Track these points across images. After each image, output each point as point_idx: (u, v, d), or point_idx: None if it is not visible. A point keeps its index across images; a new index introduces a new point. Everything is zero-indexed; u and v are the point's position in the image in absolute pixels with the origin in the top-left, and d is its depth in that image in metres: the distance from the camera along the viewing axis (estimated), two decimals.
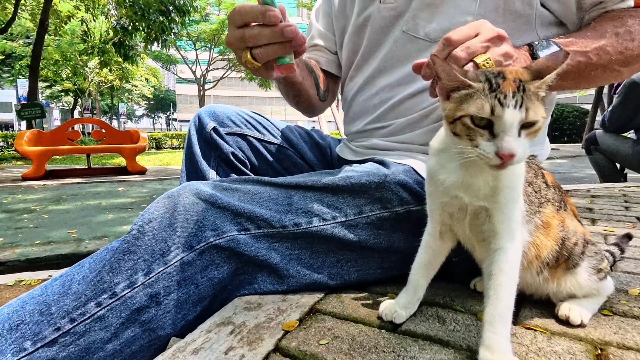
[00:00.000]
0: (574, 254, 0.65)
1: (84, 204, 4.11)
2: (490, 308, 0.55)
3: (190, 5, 10.75)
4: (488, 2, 0.83)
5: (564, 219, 0.65)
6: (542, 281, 0.67)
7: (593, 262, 0.66)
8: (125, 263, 0.68)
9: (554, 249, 0.63)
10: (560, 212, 0.65)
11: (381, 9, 0.95)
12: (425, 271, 0.68)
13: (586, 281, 0.65)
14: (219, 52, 23.80)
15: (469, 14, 0.83)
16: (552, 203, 0.64)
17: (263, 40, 0.67)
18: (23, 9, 13.78)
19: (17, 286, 1.97)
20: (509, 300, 0.55)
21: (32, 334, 0.62)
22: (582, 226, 0.69)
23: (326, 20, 1.16)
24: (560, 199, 0.66)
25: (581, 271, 0.65)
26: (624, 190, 2.50)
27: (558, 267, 0.66)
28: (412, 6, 0.90)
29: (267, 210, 0.76)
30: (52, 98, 29.22)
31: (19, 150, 6.31)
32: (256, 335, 0.64)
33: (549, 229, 0.63)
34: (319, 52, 1.16)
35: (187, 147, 1.09)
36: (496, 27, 0.63)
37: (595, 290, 0.67)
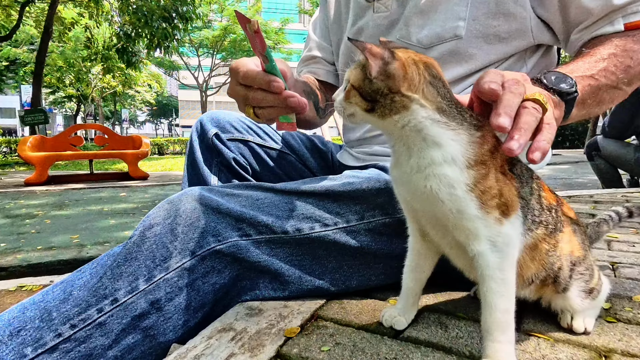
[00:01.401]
0: (559, 278, 0.61)
1: (86, 210, 4.12)
2: (485, 316, 0.53)
3: (193, 12, 10.84)
4: (479, 5, 0.82)
5: (557, 242, 0.60)
6: (528, 294, 0.64)
7: (582, 284, 0.62)
8: (127, 269, 0.68)
9: (539, 272, 0.59)
10: (554, 235, 0.60)
11: (375, 18, 0.95)
12: (414, 274, 0.67)
13: (579, 304, 0.63)
14: (222, 59, 23.94)
15: (460, 19, 0.83)
16: (543, 225, 0.58)
17: (266, 104, 0.70)
18: (27, 16, 13.90)
19: (18, 292, 1.97)
20: (505, 304, 0.52)
21: (33, 340, 0.62)
22: (573, 241, 0.63)
23: (323, 31, 1.17)
24: (555, 220, 0.60)
25: (572, 295, 0.62)
26: (627, 196, 2.49)
27: (545, 286, 0.62)
28: (404, 14, 0.90)
29: (268, 216, 0.76)
30: (56, 104, 29.39)
31: (22, 155, 6.34)
32: (257, 342, 0.63)
33: (536, 252, 0.58)
34: (316, 65, 1.17)
35: (189, 153, 1.09)
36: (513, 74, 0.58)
37: (590, 306, 0.65)
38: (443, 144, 0.51)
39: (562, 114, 0.64)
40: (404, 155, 0.55)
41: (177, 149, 19.03)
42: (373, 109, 0.52)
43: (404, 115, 0.51)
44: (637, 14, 0.73)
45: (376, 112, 0.52)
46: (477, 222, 0.52)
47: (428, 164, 0.52)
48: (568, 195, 2.56)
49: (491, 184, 0.52)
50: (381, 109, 0.52)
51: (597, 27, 0.77)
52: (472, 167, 0.51)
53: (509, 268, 0.53)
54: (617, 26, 0.75)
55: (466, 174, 0.51)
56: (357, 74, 0.53)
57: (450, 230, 0.55)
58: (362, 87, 0.52)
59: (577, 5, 0.77)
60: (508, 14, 0.82)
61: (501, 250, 0.52)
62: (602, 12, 0.75)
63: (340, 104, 0.56)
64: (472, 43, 0.84)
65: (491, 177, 0.52)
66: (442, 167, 0.51)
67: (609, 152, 3.43)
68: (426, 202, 0.54)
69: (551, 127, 0.53)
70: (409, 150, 0.54)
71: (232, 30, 21.53)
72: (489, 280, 0.52)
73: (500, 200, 0.52)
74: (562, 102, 0.63)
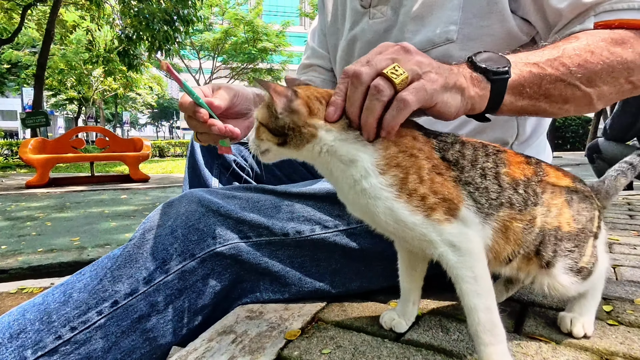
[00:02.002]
0: (542, 252, 0.57)
1: (87, 212, 4.12)
2: (469, 320, 0.52)
3: (194, 15, 10.87)
4: (471, 8, 0.82)
5: (533, 219, 0.56)
6: (510, 271, 0.60)
7: (569, 261, 0.58)
8: (127, 271, 0.68)
9: (516, 250, 0.56)
10: (525, 212, 0.56)
11: (371, 24, 0.95)
12: (408, 273, 0.66)
13: (567, 283, 0.58)
14: (222, 61, 23.97)
15: (452, 23, 0.82)
16: (509, 206, 0.55)
17: (200, 130, 0.75)
18: (29, 19, 13.97)
19: (19, 294, 1.97)
20: (484, 302, 0.51)
21: (33, 343, 0.62)
22: (564, 214, 0.59)
23: (320, 37, 1.18)
24: (524, 198, 0.56)
25: (558, 272, 0.58)
26: (628, 199, 2.49)
27: (529, 261, 0.58)
28: (399, 20, 0.90)
29: (269, 218, 0.76)
30: (57, 106, 29.44)
31: (23, 158, 6.36)
32: (258, 345, 0.63)
33: (508, 232, 0.55)
34: (312, 72, 1.18)
35: (190, 155, 1.09)
36: None
37: (582, 290, 0.62)
38: (355, 159, 0.53)
39: (485, 94, 0.59)
40: (334, 180, 0.58)
41: (178, 151, 19.05)
42: (285, 142, 0.56)
43: (315, 143, 0.55)
44: (608, 13, 0.69)
45: (290, 145, 0.55)
46: (421, 227, 0.51)
47: (352, 183, 0.54)
48: None
49: (414, 185, 0.51)
50: (293, 140, 0.55)
51: (570, 27, 0.73)
52: (385, 173, 0.52)
53: (477, 264, 0.51)
54: (586, 24, 0.71)
55: (382, 180, 0.52)
56: (263, 113, 0.57)
57: (407, 239, 0.55)
58: (269, 123, 0.56)
59: (550, 8, 0.75)
60: (498, 12, 0.80)
61: (460, 248, 0.51)
62: (573, 12, 0.72)
63: (253, 142, 0.59)
64: (465, 46, 0.83)
65: (412, 178, 0.51)
66: (361, 182, 0.53)
67: (610, 154, 3.42)
68: (371, 219, 0.56)
69: (401, 103, 0.52)
70: (334, 175, 0.57)
71: (233, 33, 21.56)
72: (460, 281, 0.51)
73: (435, 198, 0.51)
74: (487, 82, 0.59)
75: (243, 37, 21.50)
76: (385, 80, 0.51)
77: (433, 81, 0.54)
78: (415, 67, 0.53)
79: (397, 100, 0.52)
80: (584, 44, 0.66)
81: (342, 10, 1.06)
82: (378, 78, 0.52)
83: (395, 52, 0.55)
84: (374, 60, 0.53)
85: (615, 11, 0.68)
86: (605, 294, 0.83)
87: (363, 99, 0.53)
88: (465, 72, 0.59)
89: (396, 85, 0.51)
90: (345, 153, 0.54)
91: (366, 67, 0.53)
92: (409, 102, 0.51)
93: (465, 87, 0.57)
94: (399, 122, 0.53)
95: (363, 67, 0.53)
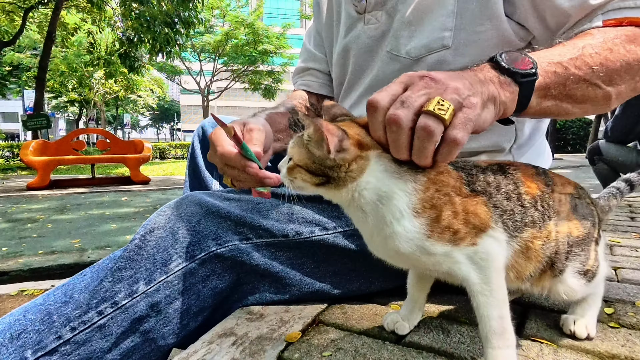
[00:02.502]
0: (557, 263, 0.58)
1: (87, 214, 4.13)
2: (481, 326, 0.53)
3: (195, 18, 10.90)
4: (465, 14, 0.81)
5: (549, 233, 0.57)
6: (527, 288, 0.61)
7: (577, 264, 0.60)
8: (127, 272, 0.68)
9: (537, 267, 0.58)
10: (544, 227, 0.57)
11: (366, 29, 0.95)
12: (417, 283, 0.66)
13: (576, 286, 0.60)
14: (223, 63, 24.02)
15: (447, 30, 0.81)
16: (532, 225, 0.56)
17: (243, 179, 0.73)
18: (31, 21, 14.01)
19: (19, 296, 1.97)
20: (498, 312, 0.51)
21: (33, 343, 0.62)
22: (572, 220, 0.60)
23: (316, 40, 1.17)
24: (542, 214, 0.57)
25: (568, 277, 0.59)
26: (629, 201, 2.48)
27: (543, 274, 0.59)
28: (394, 26, 0.89)
29: (269, 220, 0.76)
30: (58, 109, 29.52)
31: (24, 160, 6.37)
32: (258, 347, 0.63)
33: (529, 251, 0.56)
34: (309, 77, 1.17)
35: (190, 157, 1.09)
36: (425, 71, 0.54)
37: (588, 293, 0.63)
38: (392, 196, 0.51)
39: (514, 97, 0.58)
40: (362, 220, 0.55)
41: (179, 153, 19.08)
42: (327, 182, 0.52)
43: (361, 179, 0.51)
44: (616, 12, 0.69)
45: (331, 185, 0.52)
46: (450, 255, 0.52)
47: (383, 225, 0.52)
48: None
49: (447, 222, 0.51)
50: (336, 181, 0.51)
51: (578, 27, 0.73)
52: (419, 216, 0.50)
53: (495, 278, 0.52)
54: (595, 22, 0.70)
55: (417, 223, 0.50)
56: (301, 153, 0.53)
57: (430, 267, 0.54)
58: (309, 165, 0.52)
59: (554, 10, 0.74)
60: (493, 17, 0.79)
61: (483, 265, 0.52)
62: (580, 13, 0.71)
63: (284, 177, 0.55)
64: (460, 51, 0.82)
65: (446, 215, 0.51)
66: (393, 225, 0.51)
67: (611, 156, 3.42)
68: (398, 259, 0.56)
69: (452, 145, 0.49)
70: (365, 214, 0.54)
71: (233, 35, 21.61)
72: (478, 295, 0.52)
73: (466, 229, 0.51)
74: (515, 85, 0.57)
75: (244, 39, 21.54)
76: (433, 119, 0.48)
77: (474, 106, 0.51)
78: (455, 96, 0.50)
79: (448, 141, 0.49)
80: (601, 41, 0.65)
81: (337, 14, 1.05)
82: (424, 117, 0.48)
83: (426, 85, 0.51)
84: (409, 100, 0.49)
85: (623, 9, 0.68)
86: (607, 296, 0.82)
87: (409, 141, 0.50)
88: (492, 77, 0.57)
89: (445, 122, 0.48)
90: (386, 188, 0.51)
91: (403, 110, 0.49)
92: (461, 141, 0.49)
93: (497, 94, 0.55)
94: (450, 160, 0.51)
95: (399, 111, 0.49)
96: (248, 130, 0.75)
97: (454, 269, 0.52)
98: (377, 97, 0.51)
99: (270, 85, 23.50)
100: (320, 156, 0.50)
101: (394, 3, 0.88)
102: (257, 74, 23.32)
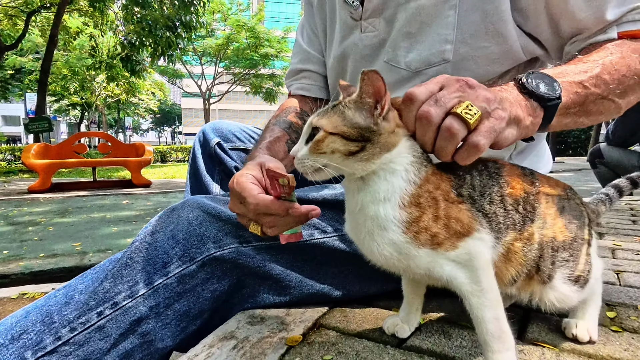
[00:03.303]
0: (542, 267, 0.57)
1: (88, 217, 4.13)
2: (478, 330, 0.53)
3: (197, 21, 10.95)
4: (466, 27, 0.79)
5: (532, 234, 0.57)
6: (515, 291, 0.61)
7: (566, 271, 0.59)
8: (127, 273, 0.68)
9: (521, 270, 0.57)
10: (525, 230, 0.56)
11: (363, 37, 0.92)
12: (409, 286, 0.66)
13: (568, 292, 0.59)
14: (224, 67, 24.09)
15: (447, 42, 0.80)
16: (513, 228, 0.55)
17: (280, 224, 0.64)
18: (33, 25, 14.08)
19: (20, 299, 1.97)
20: (493, 313, 0.51)
21: (33, 344, 0.62)
22: (558, 223, 0.59)
23: (310, 37, 1.12)
24: (523, 217, 0.56)
25: (558, 283, 0.59)
26: (631, 204, 2.48)
27: (531, 280, 0.59)
28: (392, 35, 0.87)
29: None
30: (60, 112, 29.61)
31: (26, 163, 6.38)
32: (259, 351, 0.63)
33: (510, 254, 0.56)
34: (306, 80, 1.11)
35: (191, 161, 1.10)
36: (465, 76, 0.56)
37: (583, 298, 0.62)
38: (396, 170, 0.52)
39: (539, 121, 0.59)
40: (354, 191, 0.55)
41: (180, 156, 19.10)
42: (360, 151, 0.51)
43: (392, 152, 0.52)
44: (630, 24, 0.71)
45: (365, 153, 0.51)
46: (426, 257, 0.51)
47: (371, 202, 0.52)
48: None
49: (426, 224, 0.51)
50: (371, 150, 0.51)
51: (592, 38, 0.74)
52: (403, 208, 0.51)
53: (484, 277, 0.52)
54: (610, 34, 0.72)
55: (397, 214, 0.51)
56: (336, 121, 0.52)
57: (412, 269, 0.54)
58: (347, 131, 0.51)
59: (569, 20, 0.74)
60: (498, 35, 0.79)
61: (468, 265, 0.51)
62: (597, 26, 0.73)
63: (307, 158, 0.54)
64: (461, 66, 0.81)
65: (426, 218, 0.51)
66: (379, 206, 0.52)
67: (613, 159, 3.42)
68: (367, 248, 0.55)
69: (472, 149, 0.51)
70: (359, 187, 0.54)
71: (235, 39, 21.69)
72: (469, 296, 0.52)
73: (446, 234, 0.51)
74: (541, 109, 0.59)
75: (245, 42, 21.61)
76: (459, 121, 0.50)
77: (501, 119, 0.53)
78: (484, 105, 0.52)
79: (470, 144, 0.51)
80: (619, 57, 0.68)
81: (331, 14, 1.02)
82: (451, 118, 0.50)
83: (460, 88, 0.53)
84: (443, 100, 0.52)
85: (637, 21, 0.70)
86: (609, 300, 0.82)
87: (435, 137, 0.52)
88: (520, 100, 0.58)
89: (470, 126, 0.50)
90: (397, 160, 0.52)
91: (436, 108, 0.51)
92: (482, 147, 0.51)
93: (522, 118, 0.56)
94: (468, 163, 0.53)
95: (432, 108, 0.51)
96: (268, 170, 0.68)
97: (434, 270, 0.52)
98: (415, 91, 0.53)
99: (271, 89, 23.53)
100: (361, 121, 0.51)
101: (393, 11, 0.86)
102: (258, 77, 23.38)
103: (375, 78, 0.49)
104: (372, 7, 0.89)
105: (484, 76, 0.82)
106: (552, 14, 0.76)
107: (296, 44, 1.16)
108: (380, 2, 0.88)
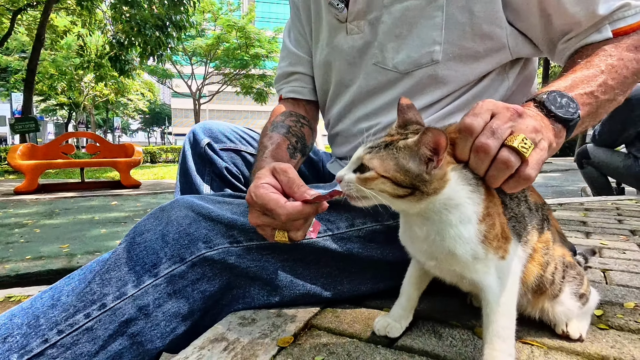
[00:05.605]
0: (555, 281, 0.62)
1: (76, 218, 4.07)
2: (486, 331, 0.55)
3: (187, 21, 10.86)
4: (454, 29, 0.80)
5: (548, 240, 0.63)
6: (525, 303, 0.65)
7: (574, 287, 0.64)
8: (116, 274, 0.67)
9: (538, 273, 0.61)
10: (544, 234, 0.62)
11: (348, 39, 0.93)
12: (416, 282, 0.67)
13: (573, 306, 0.63)
14: (215, 67, 23.97)
15: (436, 44, 0.81)
16: (536, 228, 0.61)
17: (306, 224, 0.67)
18: (19, 24, 13.86)
19: (6, 302, 1.93)
20: (506, 322, 0.54)
21: (19, 347, 0.61)
22: (562, 247, 0.67)
23: (297, 38, 1.11)
24: (542, 219, 0.62)
25: (565, 298, 0.63)
26: (617, 204, 2.52)
27: (542, 294, 0.63)
28: (378, 37, 0.88)
29: None
30: (47, 112, 29.20)
31: (11, 164, 6.27)
32: (250, 352, 0.63)
33: (535, 253, 0.60)
34: (297, 82, 1.11)
35: (181, 162, 1.09)
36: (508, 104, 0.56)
37: (582, 312, 0.66)
38: (461, 204, 0.53)
39: (562, 141, 0.62)
40: (418, 225, 0.56)
41: (170, 157, 18.95)
42: (410, 195, 0.51)
43: (443, 193, 0.52)
44: (624, 20, 0.72)
45: (414, 197, 0.51)
46: (486, 264, 0.54)
47: (447, 227, 0.53)
48: (559, 203, 2.58)
49: (496, 231, 0.54)
50: (419, 194, 0.51)
51: (585, 35, 0.76)
52: (482, 222, 0.53)
53: (511, 291, 0.55)
54: (605, 33, 0.73)
55: (479, 228, 0.53)
56: (388, 165, 0.51)
57: (459, 272, 0.56)
58: (398, 177, 0.51)
59: (561, 16, 0.76)
60: (483, 35, 0.80)
61: (504, 279, 0.55)
62: (589, 22, 0.74)
63: (353, 187, 0.54)
64: (448, 66, 0.82)
65: (496, 225, 0.54)
66: (458, 227, 0.53)
67: (599, 160, 3.47)
68: (444, 260, 0.56)
69: (523, 180, 0.52)
70: (426, 220, 0.55)
71: (225, 39, 21.60)
72: (494, 304, 0.55)
73: (503, 240, 0.54)
74: (564, 130, 0.61)
75: (235, 43, 21.52)
76: (515, 155, 0.51)
77: (544, 150, 0.54)
78: (534, 136, 0.53)
79: (522, 176, 0.52)
80: (617, 59, 0.71)
81: (317, 16, 1.02)
82: (507, 151, 0.51)
83: (512, 118, 0.53)
84: (499, 132, 0.52)
85: (628, 17, 0.73)
86: None
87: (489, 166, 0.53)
88: (548, 124, 0.59)
89: (525, 159, 0.52)
90: (457, 199, 0.52)
91: (493, 140, 0.51)
92: (533, 179, 0.53)
93: (552, 142, 0.58)
94: (514, 191, 0.54)
95: (490, 140, 0.51)
96: (284, 173, 0.68)
97: (481, 277, 0.55)
98: (473, 123, 0.53)
99: (262, 89, 23.46)
100: (415, 170, 0.50)
101: (378, 14, 0.87)
102: (249, 77, 23.30)
103: (438, 134, 0.48)
104: (357, 10, 0.89)
105: (468, 74, 0.84)
106: (543, 9, 0.77)
107: (284, 47, 1.15)
108: (364, 5, 0.88)
